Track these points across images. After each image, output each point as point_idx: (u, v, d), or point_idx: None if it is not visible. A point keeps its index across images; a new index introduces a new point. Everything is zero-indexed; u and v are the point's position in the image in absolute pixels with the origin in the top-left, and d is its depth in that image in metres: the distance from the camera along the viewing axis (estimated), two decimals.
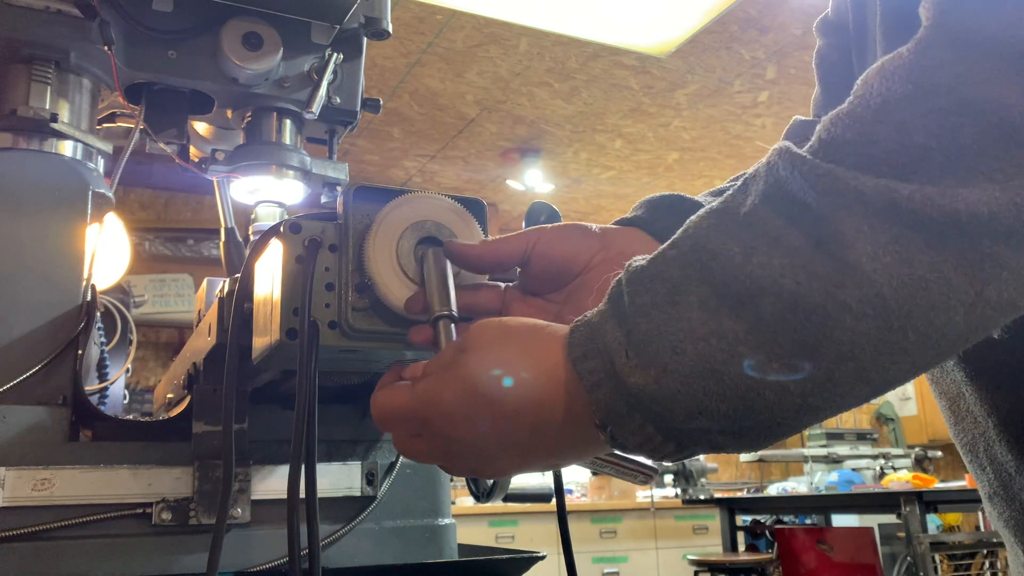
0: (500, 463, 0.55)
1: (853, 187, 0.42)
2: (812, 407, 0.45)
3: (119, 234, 1.09)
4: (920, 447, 6.36)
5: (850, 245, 0.42)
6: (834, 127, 0.45)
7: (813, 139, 0.45)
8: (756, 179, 0.46)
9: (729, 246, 0.45)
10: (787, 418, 0.46)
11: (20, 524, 0.72)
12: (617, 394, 0.47)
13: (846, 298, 0.42)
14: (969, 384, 0.64)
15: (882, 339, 0.43)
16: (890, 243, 0.42)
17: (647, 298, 0.47)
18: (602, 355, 0.48)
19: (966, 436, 0.68)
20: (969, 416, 0.66)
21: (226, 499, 0.68)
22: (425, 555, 0.85)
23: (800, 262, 0.43)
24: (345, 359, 0.70)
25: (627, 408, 0.47)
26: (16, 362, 0.80)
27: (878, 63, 0.45)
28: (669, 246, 0.48)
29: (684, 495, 5.39)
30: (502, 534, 5.00)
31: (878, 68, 0.45)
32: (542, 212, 0.77)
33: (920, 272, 0.41)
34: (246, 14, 0.96)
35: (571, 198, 5.93)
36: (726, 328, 0.44)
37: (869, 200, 0.42)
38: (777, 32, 3.91)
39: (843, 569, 3.98)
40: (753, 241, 0.44)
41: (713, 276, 0.45)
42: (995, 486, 0.66)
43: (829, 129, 0.45)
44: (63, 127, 0.91)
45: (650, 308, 0.46)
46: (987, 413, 0.63)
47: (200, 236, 5.04)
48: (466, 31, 3.82)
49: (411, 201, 0.67)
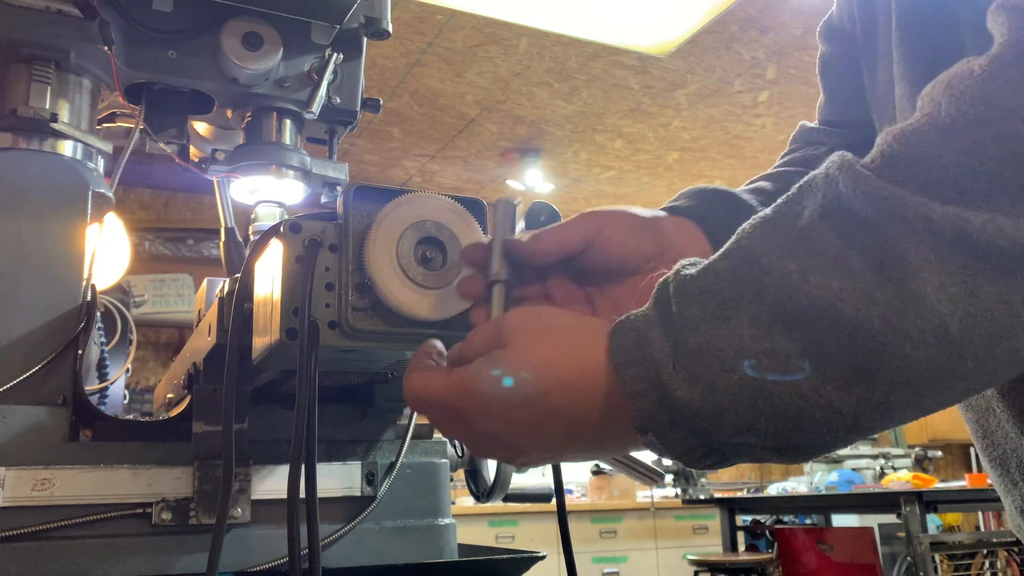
0: (533, 455, 0.54)
1: (921, 213, 0.41)
2: (862, 428, 0.45)
3: (119, 234, 1.09)
4: (920, 447, 6.36)
5: (914, 273, 0.41)
6: (899, 144, 0.43)
7: (875, 153, 0.44)
8: (812, 190, 0.45)
9: (785, 263, 0.44)
10: (836, 438, 0.45)
11: (20, 524, 0.72)
12: (661, 405, 0.47)
13: (907, 327, 0.41)
14: (1001, 400, 0.63)
15: (941, 367, 0.42)
16: (957, 273, 0.41)
17: (696, 311, 0.46)
18: (647, 364, 0.47)
19: (996, 451, 0.67)
20: (1000, 431, 0.65)
21: (226, 499, 0.68)
22: (425, 555, 0.85)
23: (860, 287, 0.42)
24: (345, 359, 0.70)
25: (670, 420, 0.47)
26: (16, 362, 0.80)
27: (944, 77, 0.43)
28: (721, 256, 0.47)
29: (684, 495, 5.39)
30: (502, 534, 5.00)
31: (945, 84, 0.43)
32: (542, 212, 0.77)
33: (987, 304, 0.41)
34: (246, 14, 0.96)
35: (571, 198, 5.93)
36: (779, 347, 0.43)
37: (937, 228, 0.41)
38: (777, 32, 3.91)
39: (843, 569, 3.98)
40: (810, 259, 0.43)
41: (768, 293, 0.44)
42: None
43: (893, 146, 0.43)
44: (63, 127, 0.91)
45: (699, 322, 0.46)
46: (1020, 430, 0.62)
47: (200, 236, 5.04)
48: (466, 31, 3.82)
49: (411, 201, 0.67)
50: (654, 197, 5.93)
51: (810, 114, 0.95)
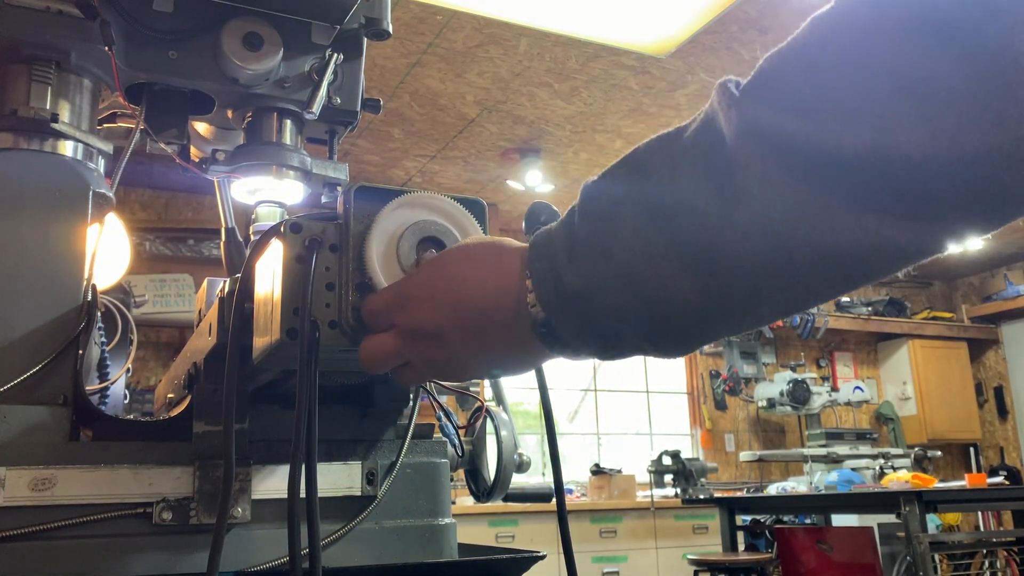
0: (456, 350, 0.59)
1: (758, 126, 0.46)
2: (712, 319, 0.51)
3: (119, 234, 1.09)
4: (920, 447, 6.36)
5: (745, 175, 0.46)
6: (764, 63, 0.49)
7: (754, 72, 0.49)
8: (702, 110, 0.51)
9: (662, 168, 0.51)
10: (691, 325, 0.51)
11: (20, 524, 0.72)
12: (555, 290, 0.53)
13: (736, 220, 0.47)
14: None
15: (769, 262, 0.47)
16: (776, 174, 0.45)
17: (592, 207, 0.54)
18: (550, 258, 0.54)
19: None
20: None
21: (226, 499, 0.68)
22: (425, 555, 0.85)
23: (711, 186, 0.48)
24: (345, 359, 0.70)
25: (562, 303, 0.53)
26: (16, 362, 0.80)
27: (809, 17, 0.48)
28: (619, 162, 0.54)
29: (684, 495, 5.39)
30: (502, 534, 5.00)
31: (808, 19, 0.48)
32: (542, 212, 0.77)
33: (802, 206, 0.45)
34: (246, 14, 0.96)
35: (571, 198, 5.84)
36: (650, 240, 0.50)
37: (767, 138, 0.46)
38: (777, 32, 3.91)
39: (843, 569, 3.98)
40: (680, 163, 0.50)
41: (647, 193, 0.51)
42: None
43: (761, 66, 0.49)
44: (63, 127, 0.91)
45: (590, 218, 0.53)
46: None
47: (200, 236, 5.04)
48: (466, 31, 3.82)
49: (411, 201, 0.67)
50: None
51: None
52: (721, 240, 0.47)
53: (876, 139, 0.42)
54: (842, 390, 6.43)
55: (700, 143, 0.49)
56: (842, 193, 0.44)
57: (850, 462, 5.69)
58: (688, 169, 0.49)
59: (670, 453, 5.56)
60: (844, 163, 0.43)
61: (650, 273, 0.50)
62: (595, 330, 0.54)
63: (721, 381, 6.85)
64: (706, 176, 0.48)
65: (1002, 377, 7.65)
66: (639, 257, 0.50)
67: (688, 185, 0.49)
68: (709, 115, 0.50)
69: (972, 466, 7.48)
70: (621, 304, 0.51)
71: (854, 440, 5.99)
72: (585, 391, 6.62)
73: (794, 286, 0.48)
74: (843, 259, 0.46)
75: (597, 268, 0.52)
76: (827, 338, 7.22)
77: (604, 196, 0.53)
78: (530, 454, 2.43)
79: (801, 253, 0.46)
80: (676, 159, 0.50)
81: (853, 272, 0.47)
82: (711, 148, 0.48)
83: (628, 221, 0.51)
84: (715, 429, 6.85)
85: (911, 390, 7.33)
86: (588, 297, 0.52)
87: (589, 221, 0.53)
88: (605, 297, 0.52)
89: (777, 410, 6.36)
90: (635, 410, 6.84)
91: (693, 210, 0.48)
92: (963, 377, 7.51)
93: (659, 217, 0.50)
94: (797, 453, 5.92)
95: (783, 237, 0.46)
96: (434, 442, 0.90)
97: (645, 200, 0.51)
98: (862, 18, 0.44)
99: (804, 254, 0.46)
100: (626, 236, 0.51)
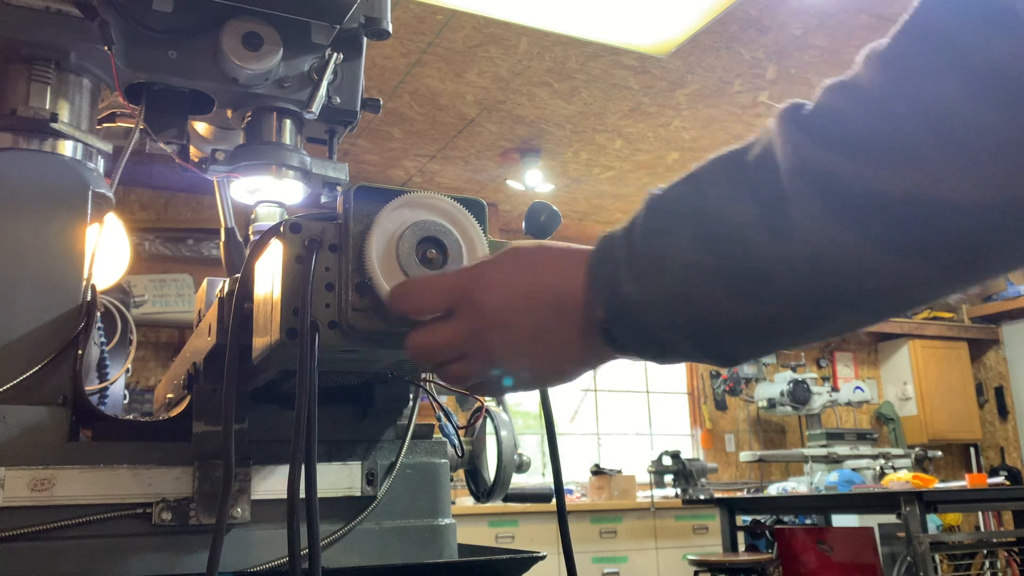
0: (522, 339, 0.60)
1: (816, 162, 0.47)
2: (759, 340, 0.54)
3: (119, 234, 1.09)
4: (920, 447, 6.36)
5: (796, 209, 0.48)
6: (822, 98, 0.49)
7: (811, 104, 0.50)
8: (767, 132, 0.52)
9: (719, 191, 0.53)
10: (739, 343, 0.55)
11: (20, 524, 0.72)
12: (615, 298, 0.56)
13: (785, 253, 0.49)
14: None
15: (817, 292, 0.49)
16: (826, 212, 0.47)
17: (653, 222, 0.56)
18: (610, 265, 0.57)
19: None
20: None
21: (226, 499, 0.68)
22: (425, 555, 0.85)
23: (763, 214, 0.49)
24: (345, 359, 0.70)
25: (620, 311, 0.56)
26: (16, 362, 0.80)
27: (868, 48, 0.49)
28: (683, 179, 0.56)
29: (684, 495, 5.39)
30: (502, 534, 5.00)
31: (866, 53, 0.49)
32: (542, 212, 0.77)
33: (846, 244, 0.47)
34: (246, 14, 0.96)
35: (571, 198, 5.93)
36: (703, 260, 0.52)
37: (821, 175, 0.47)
38: (777, 32, 3.91)
39: (843, 569, 3.98)
40: (736, 189, 0.52)
41: (702, 214, 0.53)
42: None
43: (819, 100, 0.50)
44: (63, 127, 0.91)
45: (651, 233, 0.55)
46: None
47: (200, 236, 5.04)
48: (466, 31, 3.82)
49: (411, 201, 0.67)
50: None
51: None
52: (769, 270, 0.49)
53: (924, 186, 0.44)
54: (842, 390, 6.43)
55: (758, 170, 0.51)
56: (888, 238, 0.46)
57: (850, 462, 5.69)
58: (743, 196, 0.51)
59: (670, 453, 5.56)
60: (892, 209, 0.45)
61: (700, 292, 0.52)
62: (649, 338, 0.56)
63: (721, 381, 6.85)
64: (759, 206, 0.50)
65: (1003, 377, 7.65)
66: (691, 275, 0.52)
67: (741, 213, 0.51)
68: (769, 143, 0.51)
69: (972, 466, 7.48)
70: (673, 317, 0.54)
71: (854, 440, 5.99)
72: (585, 391, 6.61)
73: (841, 316, 0.51)
74: (889, 296, 0.48)
75: (653, 281, 0.54)
76: None
77: (664, 211, 0.55)
78: (530, 454, 2.43)
79: (847, 290, 0.48)
80: (734, 183, 0.52)
81: (900, 305, 0.50)
82: (766, 178, 0.50)
83: (684, 239, 0.53)
84: (715, 429, 6.85)
85: (911, 390, 7.33)
86: (643, 308, 0.55)
87: (649, 234, 0.55)
88: (658, 309, 0.54)
89: (777, 410, 6.36)
90: (635, 410, 6.84)
91: (744, 238, 0.50)
92: (963, 377, 7.51)
93: (712, 239, 0.52)
94: (797, 453, 5.92)
95: (830, 274, 0.48)
96: (434, 442, 0.90)
97: (700, 220, 0.53)
98: (916, 62, 0.45)
99: (849, 291, 0.48)
100: (680, 254, 0.53)
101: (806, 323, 0.52)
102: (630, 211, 0.73)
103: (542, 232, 0.83)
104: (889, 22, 2.17)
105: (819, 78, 4.58)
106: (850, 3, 3.71)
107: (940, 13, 0.45)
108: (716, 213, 0.52)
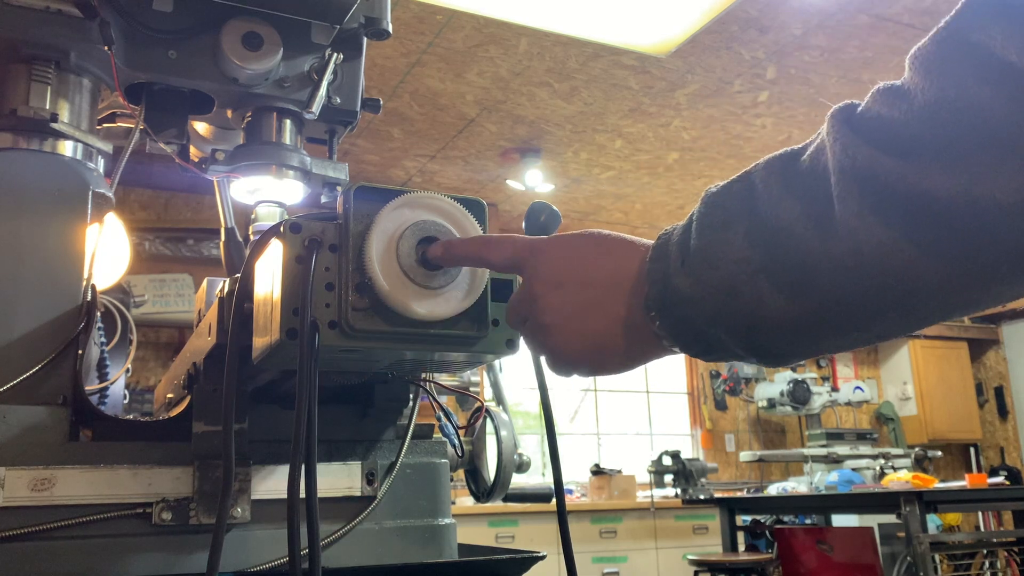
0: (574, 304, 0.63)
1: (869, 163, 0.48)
2: (804, 339, 0.54)
3: (119, 234, 1.09)
4: (920, 447, 6.36)
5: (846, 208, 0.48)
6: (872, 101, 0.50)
7: (863, 105, 0.51)
8: (820, 132, 0.53)
9: (773, 188, 0.53)
10: (785, 342, 0.55)
11: (20, 524, 0.72)
12: (666, 291, 0.58)
13: (832, 250, 0.49)
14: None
15: (863, 290, 0.49)
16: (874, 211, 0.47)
17: (708, 220, 0.57)
18: (664, 260, 0.59)
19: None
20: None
21: (226, 499, 0.68)
22: (425, 555, 0.85)
23: (812, 212, 0.50)
24: (345, 359, 0.70)
25: (669, 305, 0.57)
26: (16, 362, 0.80)
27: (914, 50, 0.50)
28: (736, 177, 0.57)
29: (684, 495, 5.39)
30: (502, 534, 5.00)
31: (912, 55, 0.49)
32: (542, 212, 0.77)
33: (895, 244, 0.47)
34: (246, 14, 0.96)
35: (571, 198, 5.93)
36: (753, 257, 0.53)
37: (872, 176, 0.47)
38: (777, 32, 3.91)
39: (843, 569, 3.98)
40: (790, 188, 0.52)
41: (755, 212, 0.54)
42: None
43: (870, 101, 0.50)
44: (63, 127, 0.91)
45: (707, 229, 0.56)
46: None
47: (200, 236, 5.04)
48: (466, 31, 3.82)
49: (411, 201, 0.67)
50: (654, 197, 5.93)
51: (810, 114, 0.95)
52: (817, 268, 0.50)
53: (970, 186, 0.44)
54: (842, 390, 6.43)
55: (809, 170, 0.52)
56: (932, 240, 0.46)
57: (850, 462, 5.69)
58: (795, 195, 0.52)
59: (670, 453, 5.56)
60: (937, 212, 0.45)
61: (748, 288, 0.53)
62: (696, 333, 0.57)
63: (721, 381, 6.85)
64: (809, 205, 0.51)
65: (1002, 377, 7.65)
66: (740, 271, 0.53)
67: (792, 211, 0.52)
68: (821, 143, 0.52)
69: (972, 466, 7.48)
70: (721, 313, 0.55)
71: (854, 440, 5.99)
72: (585, 391, 6.61)
73: (886, 318, 0.51)
74: (934, 297, 0.49)
75: (703, 276, 0.55)
76: None
77: (720, 209, 0.56)
78: (530, 454, 2.43)
79: (893, 291, 0.49)
80: (787, 183, 0.53)
81: (945, 309, 0.50)
82: (816, 177, 0.51)
83: (737, 236, 0.54)
84: (715, 429, 6.85)
85: (911, 390, 7.33)
86: (692, 302, 0.56)
87: (703, 230, 0.56)
88: (707, 305, 0.55)
89: (777, 410, 6.36)
90: (635, 410, 6.84)
91: (791, 235, 0.51)
92: (963, 377, 7.51)
93: (761, 236, 0.53)
94: (797, 453, 5.92)
95: (874, 273, 0.48)
96: (434, 442, 0.90)
97: (752, 218, 0.54)
98: (958, 68, 0.46)
99: (896, 292, 0.49)
100: (732, 250, 0.54)
101: (852, 323, 0.52)
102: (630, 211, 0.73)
103: (542, 232, 0.82)
104: (889, 22, 2.19)
105: (819, 78, 4.57)
106: (850, 3, 3.71)
107: (980, 17, 0.45)
108: (766, 211, 0.53)
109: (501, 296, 0.70)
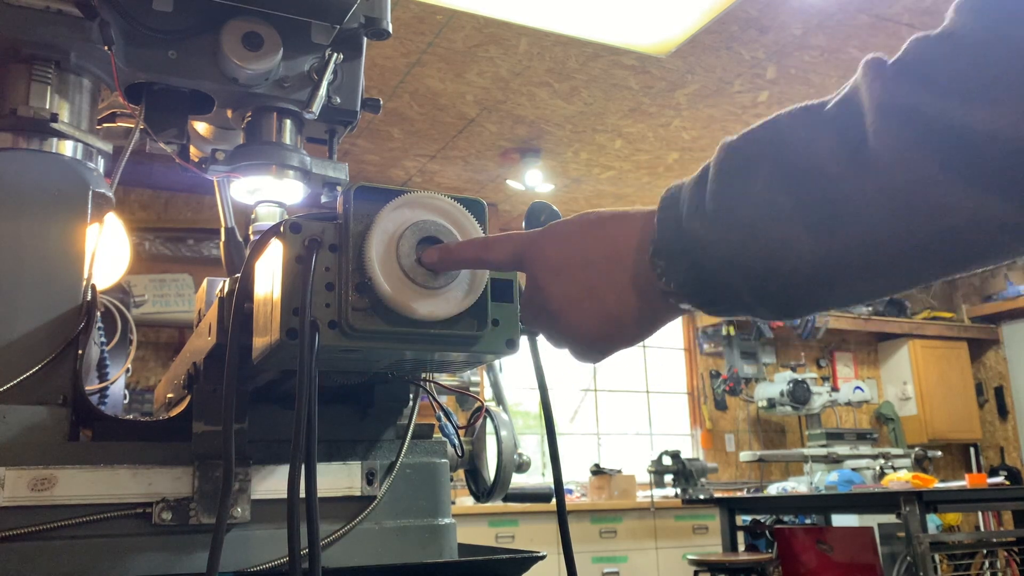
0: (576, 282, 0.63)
1: (904, 104, 0.47)
2: (822, 282, 0.53)
3: (119, 234, 1.09)
4: (920, 447, 6.36)
5: (880, 145, 0.48)
6: (913, 46, 0.49)
7: (901, 51, 0.51)
8: (847, 83, 0.53)
9: (800, 131, 0.53)
10: (800, 287, 0.53)
11: (20, 524, 0.72)
12: (678, 236, 0.57)
13: (864, 186, 0.48)
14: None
15: (890, 230, 0.48)
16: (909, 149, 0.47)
17: (727, 164, 0.56)
18: (677, 207, 0.58)
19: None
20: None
21: (226, 499, 0.68)
22: (425, 555, 0.85)
23: (844, 151, 0.49)
24: (345, 359, 0.70)
25: (680, 251, 0.56)
26: (16, 362, 0.80)
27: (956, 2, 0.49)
28: (759, 126, 0.56)
29: (684, 495, 5.38)
30: (502, 534, 5.00)
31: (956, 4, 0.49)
32: (542, 212, 0.77)
33: (930, 183, 0.46)
34: (246, 14, 0.96)
35: (571, 198, 5.93)
36: (777, 199, 0.52)
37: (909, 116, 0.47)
38: (777, 32, 3.91)
39: (843, 569, 3.98)
40: (819, 130, 0.52)
41: (782, 157, 0.53)
42: None
43: (910, 47, 0.50)
44: (63, 127, 0.91)
45: (723, 174, 0.55)
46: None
47: (200, 236, 5.04)
48: (466, 31, 3.82)
49: (411, 201, 0.67)
50: (654, 197, 5.88)
51: None
52: (847, 204, 0.49)
53: (1012, 122, 0.44)
54: (842, 390, 6.43)
55: (840, 113, 0.51)
56: (970, 173, 0.46)
57: (850, 462, 5.69)
58: (825, 136, 0.51)
59: (670, 453, 5.56)
60: (977, 144, 0.45)
61: (770, 231, 0.52)
62: (705, 279, 0.56)
63: (721, 381, 6.85)
64: (841, 143, 0.50)
65: (1002, 377, 7.65)
66: (763, 215, 0.52)
67: (822, 150, 0.51)
68: (852, 88, 0.52)
69: (972, 466, 7.48)
70: (735, 257, 0.54)
71: (854, 440, 5.99)
72: (585, 391, 6.61)
73: (909, 261, 0.50)
74: (960, 239, 0.48)
75: (718, 219, 0.54)
76: (827, 338, 7.22)
77: (740, 154, 0.55)
78: (530, 454, 2.42)
79: (921, 229, 0.48)
80: (815, 125, 0.52)
81: (969, 254, 0.49)
82: (850, 118, 0.50)
83: (760, 180, 0.53)
84: (715, 429, 6.85)
85: (911, 390, 7.33)
86: (707, 246, 0.55)
87: (722, 176, 0.55)
88: (720, 248, 0.54)
89: (777, 410, 6.36)
90: (635, 410, 6.84)
91: (823, 174, 0.50)
92: (963, 377, 7.51)
93: (789, 176, 0.52)
94: (797, 453, 5.92)
95: (907, 209, 0.48)
96: (434, 442, 0.90)
97: (779, 161, 0.53)
98: (1013, 7, 0.46)
99: (924, 230, 0.48)
100: (754, 194, 0.53)
101: (875, 267, 0.51)
102: None
103: None
104: (889, 22, 2.19)
105: (819, 78, 4.57)
106: (850, 3, 3.71)
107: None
108: (796, 150, 0.52)
109: (501, 296, 0.70)
